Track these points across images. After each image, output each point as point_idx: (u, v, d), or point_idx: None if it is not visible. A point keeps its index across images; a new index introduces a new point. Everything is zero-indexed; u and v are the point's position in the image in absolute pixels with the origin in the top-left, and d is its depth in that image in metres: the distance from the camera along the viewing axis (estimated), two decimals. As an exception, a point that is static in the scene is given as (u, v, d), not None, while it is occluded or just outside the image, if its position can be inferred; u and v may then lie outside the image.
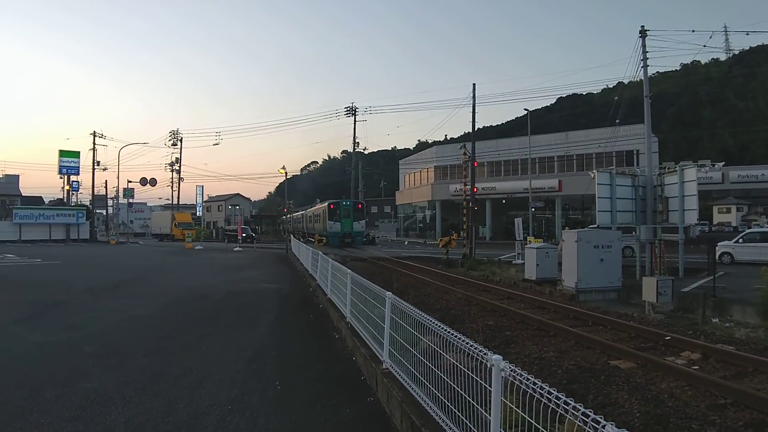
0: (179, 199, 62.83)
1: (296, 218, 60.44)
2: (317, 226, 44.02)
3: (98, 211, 64.67)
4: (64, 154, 53.74)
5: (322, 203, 47.56)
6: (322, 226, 41.56)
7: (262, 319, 10.33)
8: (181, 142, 60.28)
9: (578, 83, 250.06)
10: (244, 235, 43.66)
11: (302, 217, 56.47)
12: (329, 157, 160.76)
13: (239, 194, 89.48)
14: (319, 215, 44.50)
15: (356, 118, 53.65)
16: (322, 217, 42.34)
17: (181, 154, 60.38)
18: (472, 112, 29.05)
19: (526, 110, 37.17)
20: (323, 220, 41.26)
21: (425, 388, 4.18)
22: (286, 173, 52.25)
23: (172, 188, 61.93)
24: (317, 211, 46.51)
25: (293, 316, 11.02)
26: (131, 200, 61.80)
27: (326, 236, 38.68)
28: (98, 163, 54.06)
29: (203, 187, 78.18)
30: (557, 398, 2.35)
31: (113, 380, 5.88)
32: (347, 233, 39.39)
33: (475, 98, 28.97)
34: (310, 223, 49.72)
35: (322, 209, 43.36)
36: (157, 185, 62.13)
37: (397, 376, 5.06)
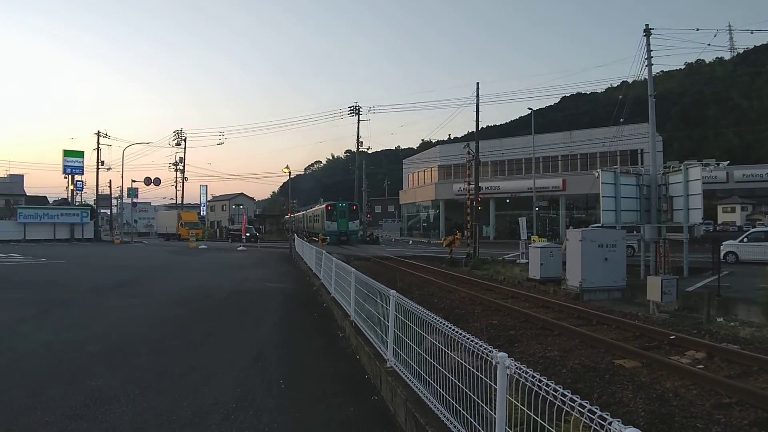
0: (183, 198, 63.14)
1: (298, 218, 62.11)
2: (316, 225, 47.62)
3: (102, 210, 64.95)
4: (68, 153, 53.88)
5: (321, 204, 51.39)
6: (320, 225, 45.03)
7: (266, 317, 10.34)
8: (185, 141, 60.73)
9: (582, 82, 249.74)
10: (248, 234, 43.71)
11: (303, 217, 59.41)
12: (333, 156, 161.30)
13: (243, 194, 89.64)
14: (318, 215, 48.15)
15: (360, 117, 53.92)
16: (321, 217, 46.00)
17: (185, 153, 60.77)
18: (475, 111, 29.17)
19: (530, 109, 37.02)
20: (322, 220, 45.00)
21: (429, 386, 4.17)
22: (289, 173, 52.35)
23: (176, 188, 62.38)
24: (316, 211, 50.31)
25: (297, 314, 11.02)
26: (135, 200, 62.25)
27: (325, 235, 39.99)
28: (102, 162, 54.21)
29: (207, 186, 78.62)
30: (563, 395, 2.33)
31: (117, 378, 5.89)
32: (343, 232, 43.51)
33: (478, 97, 29.14)
34: (310, 222, 52.74)
35: (320, 210, 47.16)
36: (161, 185, 62.54)
37: (401, 374, 5.04)
